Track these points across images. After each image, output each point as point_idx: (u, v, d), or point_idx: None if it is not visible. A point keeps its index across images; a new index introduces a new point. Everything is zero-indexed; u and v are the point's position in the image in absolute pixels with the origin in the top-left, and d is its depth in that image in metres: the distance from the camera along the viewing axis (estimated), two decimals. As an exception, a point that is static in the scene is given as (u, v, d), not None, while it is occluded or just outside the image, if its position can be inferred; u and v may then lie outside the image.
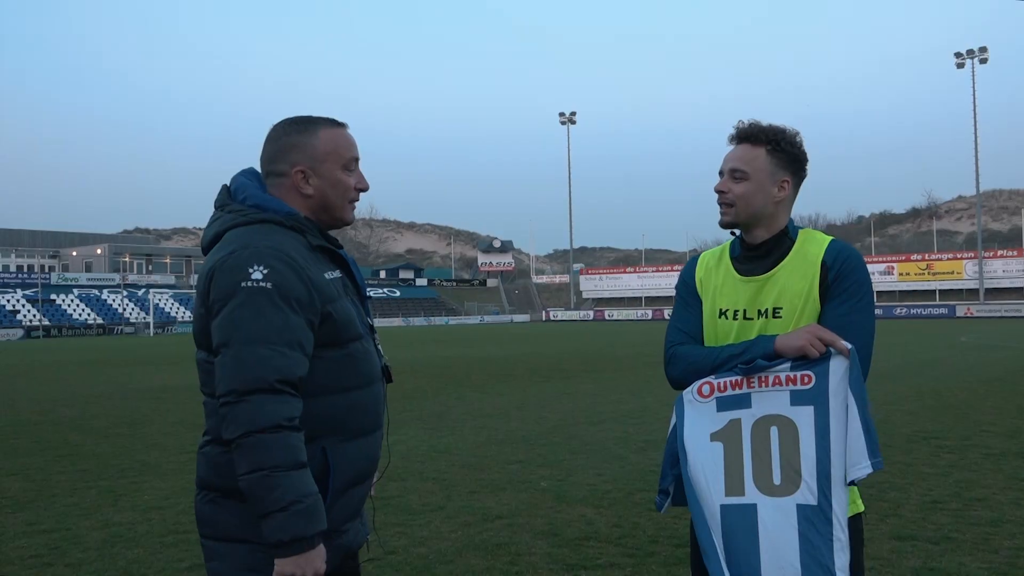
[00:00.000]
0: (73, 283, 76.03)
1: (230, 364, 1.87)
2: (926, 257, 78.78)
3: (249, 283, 1.90)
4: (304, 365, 1.92)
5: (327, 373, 2.01)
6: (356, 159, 2.16)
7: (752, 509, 2.12)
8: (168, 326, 69.85)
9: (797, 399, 2.12)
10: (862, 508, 2.23)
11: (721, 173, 2.37)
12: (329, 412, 2.00)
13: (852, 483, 2.09)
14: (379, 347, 2.20)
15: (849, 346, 2.12)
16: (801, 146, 2.34)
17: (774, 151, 2.31)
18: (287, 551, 1.84)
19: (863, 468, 2.08)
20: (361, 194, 2.17)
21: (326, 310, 1.99)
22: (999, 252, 75.61)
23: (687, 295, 2.46)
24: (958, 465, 7.13)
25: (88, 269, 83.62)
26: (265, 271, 1.92)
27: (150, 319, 69.15)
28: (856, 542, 2.15)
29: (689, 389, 2.24)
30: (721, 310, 2.36)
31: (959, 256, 77.44)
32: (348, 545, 2.11)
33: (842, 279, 2.22)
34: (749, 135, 2.33)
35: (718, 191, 2.35)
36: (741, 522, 2.12)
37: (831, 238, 2.31)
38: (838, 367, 2.11)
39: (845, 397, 2.09)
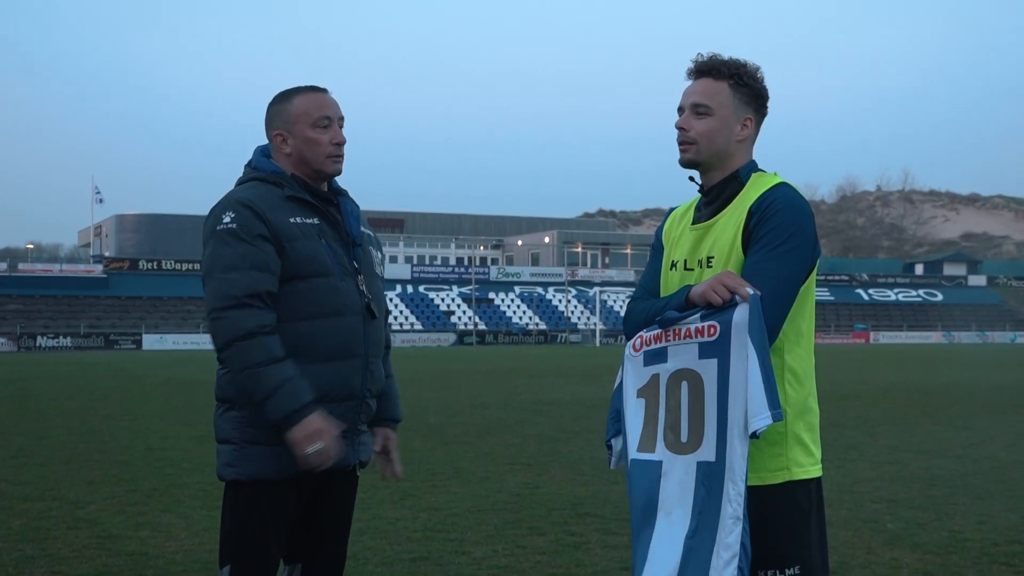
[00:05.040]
0: (515, 279, 78.21)
1: (211, 289, 2.98)
2: None
3: (221, 226, 3.01)
4: (269, 282, 2.98)
5: (291, 302, 3.03)
6: (328, 117, 3.14)
7: (657, 466, 2.63)
8: (622, 335, 67.59)
9: (704, 352, 2.56)
10: (819, 473, 2.72)
11: (680, 109, 2.81)
12: (293, 336, 3.01)
13: (754, 435, 2.49)
14: (362, 287, 3.16)
15: (751, 291, 2.52)
16: (763, 81, 2.82)
17: (737, 86, 2.77)
18: (288, 425, 2.88)
19: (763, 419, 2.46)
20: (340, 147, 3.17)
21: (281, 247, 3.01)
22: None
23: (656, 246, 2.98)
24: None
25: (534, 262, 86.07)
26: (233, 215, 3.01)
27: (598, 324, 67.62)
28: (804, 510, 2.66)
29: (628, 344, 2.77)
30: (673, 262, 2.84)
31: None
32: None
33: (761, 225, 2.63)
34: (711, 68, 2.77)
35: (680, 128, 2.78)
36: (645, 478, 2.64)
37: (777, 182, 2.72)
38: (741, 316, 2.51)
39: (745, 347, 2.50)
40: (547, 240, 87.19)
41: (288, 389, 2.88)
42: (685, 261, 2.80)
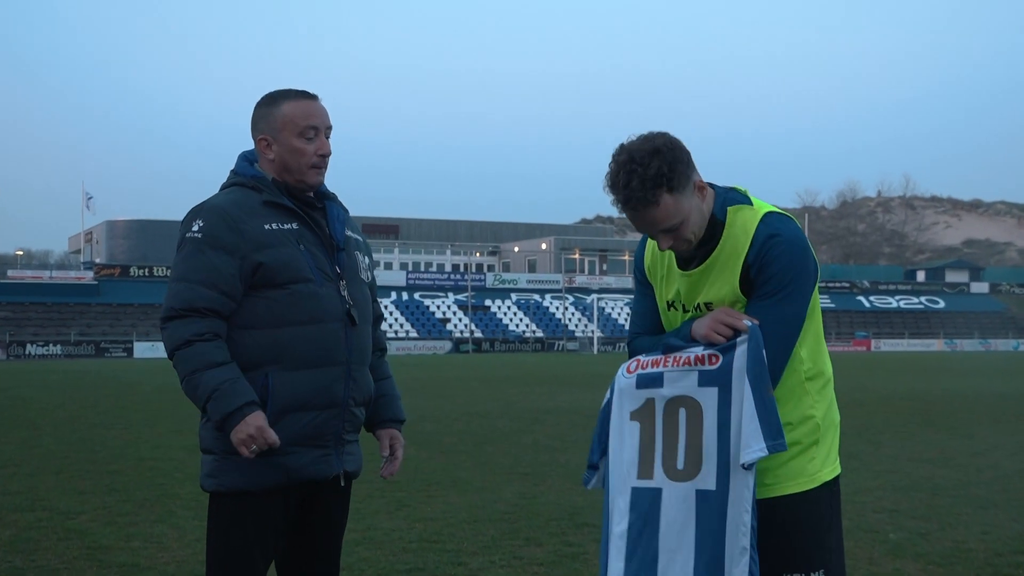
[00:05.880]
0: (511, 286, 78.20)
1: (165, 297, 3.06)
2: None
3: (189, 234, 3.04)
4: (213, 299, 2.99)
5: (268, 310, 3.03)
6: (314, 128, 3.11)
7: (658, 494, 2.67)
8: (620, 342, 67.70)
9: (704, 380, 2.61)
10: (840, 469, 2.83)
11: (644, 232, 2.79)
12: (271, 343, 3.02)
13: (743, 466, 2.54)
14: (344, 293, 3.13)
15: (749, 323, 2.60)
16: (678, 150, 2.65)
17: (672, 182, 2.61)
18: (227, 426, 2.91)
19: (756, 451, 2.53)
20: (324, 159, 3.14)
21: (256, 258, 3.01)
22: None
23: (641, 280, 2.99)
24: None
25: (531, 269, 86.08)
26: (201, 223, 3.03)
27: (595, 332, 67.63)
28: (828, 512, 2.75)
29: (622, 366, 2.82)
30: (668, 302, 2.87)
31: None
32: (299, 468, 3.05)
33: (761, 273, 2.68)
34: (646, 200, 2.62)
35: (668, 248, 2.74)
36: (648, 506, 2.67)
37: (761, 219, 2.70)
38: (742, 348, 2.58)
39: (743, 379, 2.56)
40: (544, 246, 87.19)
41: (223, 392, 2.90)
42: (683, 305, 2.83)
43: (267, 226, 3.04)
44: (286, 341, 3.01)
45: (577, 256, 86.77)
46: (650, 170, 2.58)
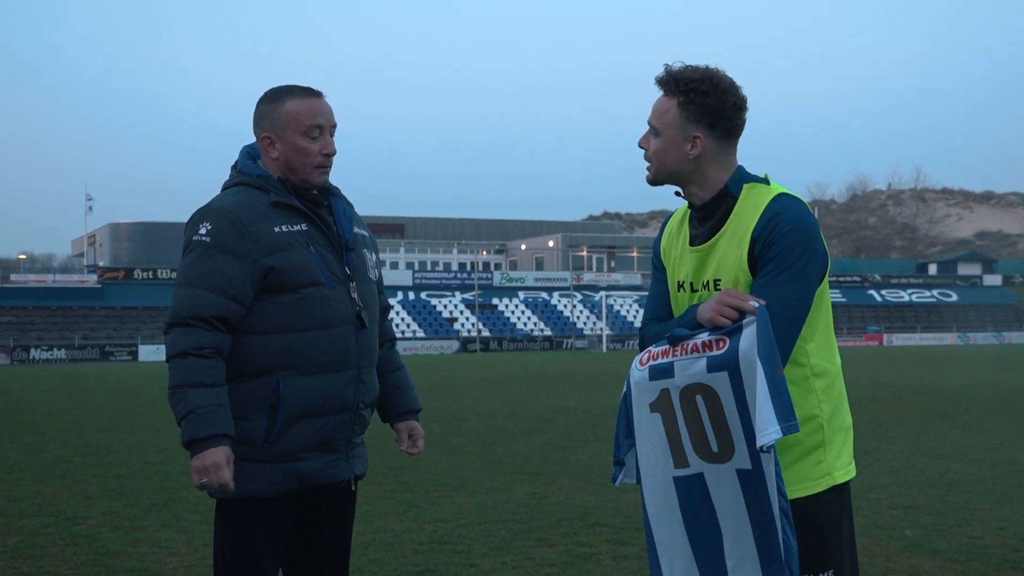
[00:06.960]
0: (519, 284, 78.21)
1: (171, 302, 3.01)
2: None
3: (196, 237, 2.98)
4: (222, 306, 2.93)
5: (279, 314, 2.99)
6: (319, 127, 3.06)
7: (700, 478, 2.68)
8: (629, 340, 67.66)
9: (713, 365, 2.59)
10: (854, 474, 2.80)
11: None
12: (282, 349, 2.99)
13: (762, 449, 2.54)
14: (354, 295, 3.10)
15: (756, 304, 2.56)
16: (722, 94, 2.69)
17: (685, 104, 2.70)
18: (191, 450, 2.88)
19: (771, 433, 2.51)
20: (328, 158, 3.11)
21: (267, 262, 2.96)
22: None
23: (658, 266, 2.98)
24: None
25: (539, 266, 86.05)
26: (209, 227, 2.97)
27: (604, 329, 67.58)
28: (837, 514, 2.74)
29: (635, 358, 2.79)
30: (679, 282, 2.86)
31: None
32: (312, 474, 3.05)
33: (767, 250, 2.64)
34: (665, 84, 2.75)
35: (639, 146, 2.83)
36: (696, 492, 2.69)
37: (773, 196, 2.69)
38: (750, 330, 2.55)
39: (755, 360, 2.53)
40: (551, 244, 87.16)
41: (198, 416, 2.87)
42: (691, 284, 2.81)
43: (276, 228, 3.00)
44: (298, 346, 2.99)
45: (585, 253, 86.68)
46: (689, 76, 2.70)
